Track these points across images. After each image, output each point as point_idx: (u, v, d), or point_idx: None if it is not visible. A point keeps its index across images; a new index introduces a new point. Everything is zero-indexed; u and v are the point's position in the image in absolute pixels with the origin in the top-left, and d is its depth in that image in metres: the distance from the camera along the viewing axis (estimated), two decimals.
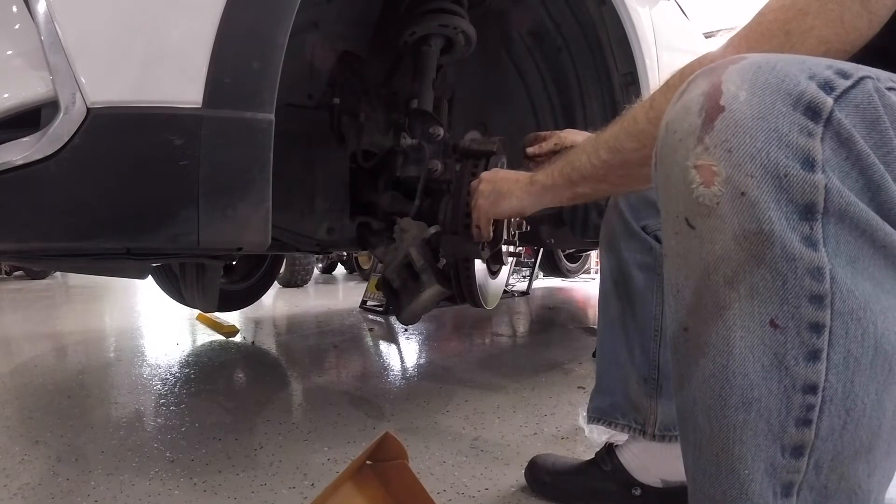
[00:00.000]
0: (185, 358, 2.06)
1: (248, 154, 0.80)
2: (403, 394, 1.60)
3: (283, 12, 0.82)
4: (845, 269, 0.34)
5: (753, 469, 0.36)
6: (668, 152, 0.39)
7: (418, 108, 1.27)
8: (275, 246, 1.15)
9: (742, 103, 0.35)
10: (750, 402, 0.36)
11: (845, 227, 0.34)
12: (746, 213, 0.35)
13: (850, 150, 0.34)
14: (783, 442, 0.36)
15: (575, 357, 2.05)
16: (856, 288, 0.34)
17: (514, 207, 0.75)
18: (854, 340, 0.34)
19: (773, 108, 0.35)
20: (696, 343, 0.38)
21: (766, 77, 0.36)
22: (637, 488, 0.90)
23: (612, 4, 1.45)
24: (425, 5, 1.25)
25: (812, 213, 0.34)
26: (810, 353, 0.35)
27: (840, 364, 0.34)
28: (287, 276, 4.81)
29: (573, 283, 5.15)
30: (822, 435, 0.35)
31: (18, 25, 0.74)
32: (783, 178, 0.34)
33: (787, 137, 0.34)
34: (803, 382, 0.35)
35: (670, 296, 0.41)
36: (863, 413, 0.35)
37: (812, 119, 0.34)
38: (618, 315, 0.92)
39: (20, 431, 1.28)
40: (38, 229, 0.75)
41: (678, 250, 0.39)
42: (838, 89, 0.35)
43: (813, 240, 0.34)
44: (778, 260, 0.34)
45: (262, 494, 0.97)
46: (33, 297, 4.38)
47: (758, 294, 0.35)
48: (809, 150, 0.34)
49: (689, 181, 0.37)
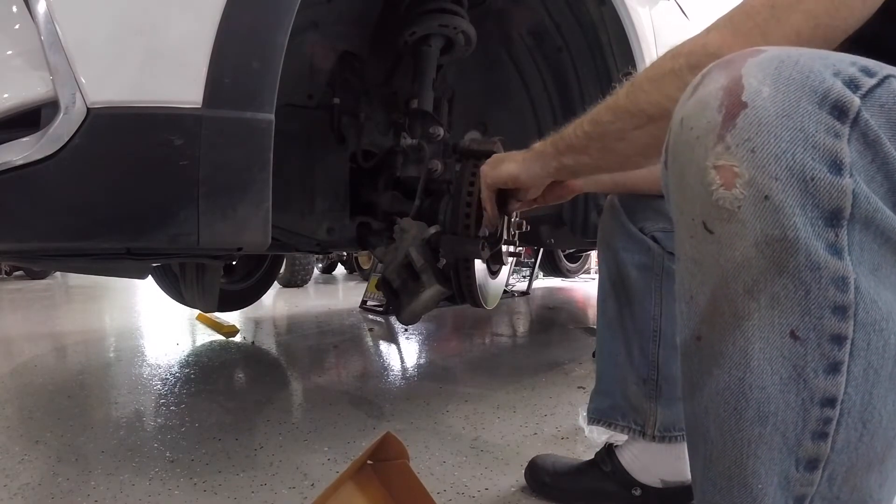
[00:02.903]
0: (185, 358, 2.06)
1: (247, 154, 0.80)
2: (403, 394, 1.60)
3: (283, 12, 0.82)
4: (868, 279, 0.33)
5: (767, 483, 0.35)
6: (683, 149, 0.37)
7: (418, 108, 1.27)
8: (275, 246, 1.15)
9: (766, 99, 0.33)
10: (766, 416, 0.35)
11: (870, 235, 0.33)
12: (770, 218, 0.33)
13: (876, 152, 0.32)
14: (798, 455, 0.35)
15: (575, 357, 2.05)
16: (879, 298, 0.33)
17: (510, 171, 0.74)
18: (875, 352, 0.33)
19: (799, 105, 0.32)
20: (711, 353, 0.37)
21: (790, 72, 0.33)
22: (637, 489, 0.90)
23: (612, 4, 1.45)
24: (425, 5, 1.25)
25: (838, 220, 0.32)
26: (831, 365, 0.33)
27: (860, 377, 0.33)
28: (287, 276, 4.81)
29: (573, 283, 5.15)
30: (838, 448, 0.34)
31: (18, 25, 0.74)
32: (809, 182, 0.32)
33: (813, 138, 0.32)
34: (822, 395, 0.34)
35: (682, 302, 0.40)
36: (879, 425, 0.34)
37: (839, 119, 0.32)
38: (616, 316, 0.92)
39: (20, 431, 1.28)
40: (38, 229, 0.75)
41: (693, 255, 0.37)
42: (864, 87, 0.33)
43: (838, 248, 0.32)
44: (802, 269, 0.32)
45: (262, 494, 0.97)
46: (33, 297, 4.38)
47: (779, 304, 0.33)
48: (837, 151, 0.32)
49: (709, 182, 0.34)
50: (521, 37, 1.65)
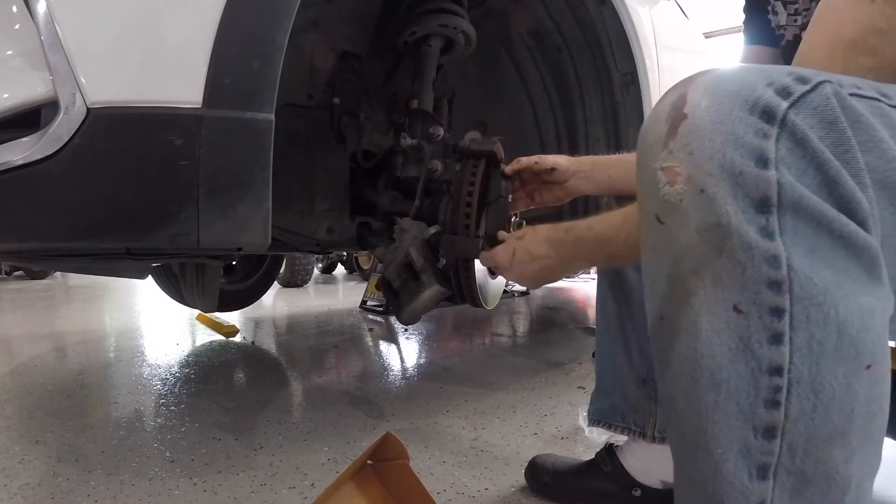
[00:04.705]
0: (185, 358, 2.06)
1: (248, 154, 0.80)
2: (403, 394, 1.60)
3: (283, 12, 0.82)
4: (803, 258, 0.36)
5: (727, 449, 0.38)
6: (641, 158, 0.43)
7: (418, 108, 1.27)
8: (275, 246, 1.15)
9: (703, 110, 0.38)
10: (719, 383, 0.38)
11: (802, 219, 0.36)
12: (706, 207, 0.38)
13: (805, 148, 0.37)
14: (754, 423, 0.37)
15: (575, 357, 2.05)
16: (815, 275, 0.36)
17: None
18: (816, 324, 0.36)
19: (731, 113, 0.38)
20: (671, 329, 0.41)
21: (727, 86, 0.39)
22: (637, 489, 0.90)
23: (612, 4, 1.45)
24: (425, 5, 1.25)
25: (767, 206, 0.36)
26: (773, 336, 0.37)
27: (804, 347, 0.36)
28: (287, 276, 4.81)
29: (573, 283, 5.15)
30: (793, 417, 0.37)
31: (18, 25, 0.74)
32: (738, 175, 0.37)
33: (742, 139, 0.37)
34: (768, 364, 0.37)
35: (648, 287, 0.44)
36: (832, 396, 0.36)
37: (767, 122, 0.37)
38: (615, 317, 0.92)
39: (20, 431, 1.29)
40: (38, 229, 0.75)
41: (652, 244, 0.43)
42: (795, 94, 0.38)
43: (769, 230, 0.36)
44: (736, 249, 0.37)
45: (262, 494, 0.97)
46: (33, 297, 4.38)
47: (720, 282, 0.38)
48: (763, 149, 0.37)
49: (657, 181, 0.40)
50: (521, 37, 1.65)
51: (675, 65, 1.66)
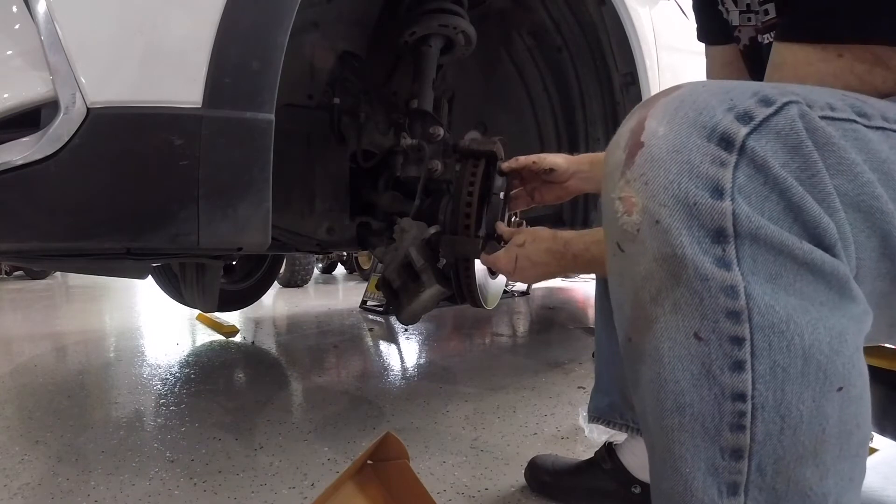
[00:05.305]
0: (185, 358, 2.06)
1: (248, 154, 0.80)
2: (403, 394, 1.60)
3: (283, 12, 0.82)
4: (764, 286, 0.36)
5: (694, 468, 0.38)
6: (604, 184, 0.43)
7: (418, 108, 1.27)
8: (275, 246, 1.15)
9: (660, 138, 0.38)
10: (683, 406, 0.38)
11: (761, 248, 0.36)
12: (661, 238, 0.37)
13: (766, 175, 0.36)
14: (721, 444, 0.37)
15: (575, 357, 2.05)
16: (776, 303, 0.36)
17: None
18: (779, 352, 0.36)
19: (689, 141, 0.37)
20: (637, 352, 0.41)
21: (686, 111, 0.38)
22: (637, 486, 0.90)
23: (612, 4, 1.45)
24: (425, 5, 1.25)
25: (723, 237, 0.36)
26: (734, 363, 0.36)
27: (767, 374, 0.36)
28: (287, 276, 4.81)
29: (573, 283, 5.15)
30: (759, 439, 0.37)
31: (18, 25, 0.74)
32: (692, 207, 0.36)
33: (698, 168, 0.36)
34: (731, 391, 0.37)
35: (616, 310, 0.44)
36: (800, 420, 0.36)
37: (725, 149, 0.36)
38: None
39: (20, 431, 1.29)
40: (38, 229, 0.75)
41: (616, 270, 0.43)
42: (757, 118, 0.37)
43: (726, 260, 0.36)
44: (692, 280, 0.36)
45: (262, 494, 0.97)
46: (33, 297, 4.38)
47: (680, 310, 0.38)
48: (719, 178, 0.36)
49: (615, 210, 0.40)
50: (521, 37, 1.65)
51: (675, 65, 1.66)
